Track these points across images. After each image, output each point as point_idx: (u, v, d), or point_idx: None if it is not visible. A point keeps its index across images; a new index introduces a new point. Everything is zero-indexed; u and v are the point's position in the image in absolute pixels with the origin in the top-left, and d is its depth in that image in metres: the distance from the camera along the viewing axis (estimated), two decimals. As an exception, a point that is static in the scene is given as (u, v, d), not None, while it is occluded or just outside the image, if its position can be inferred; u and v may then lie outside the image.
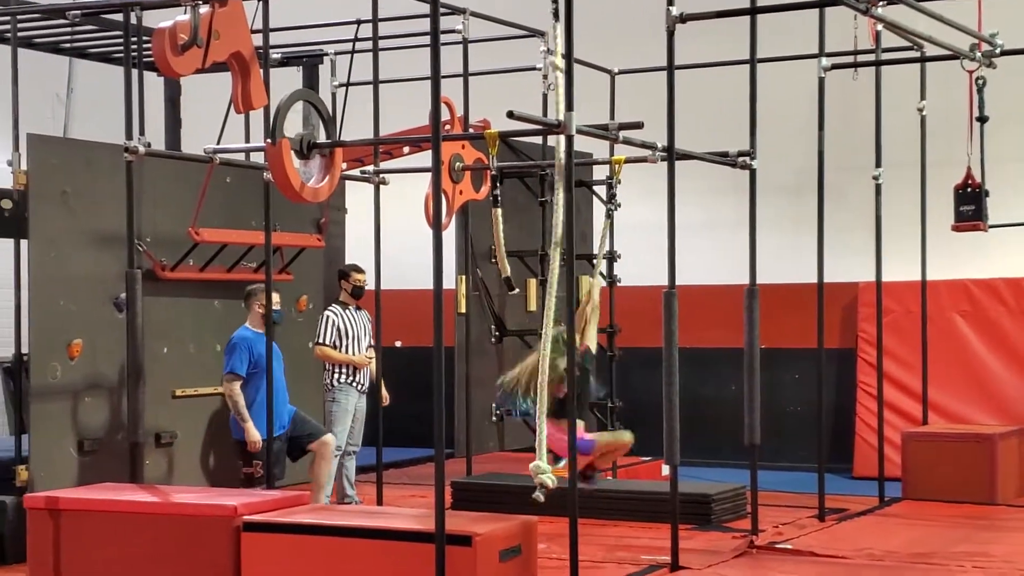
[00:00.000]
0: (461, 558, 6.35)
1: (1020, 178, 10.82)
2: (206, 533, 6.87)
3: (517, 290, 10.01)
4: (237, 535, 6.83)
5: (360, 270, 10.27)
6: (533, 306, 11.58)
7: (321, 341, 10.11)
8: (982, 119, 10.23)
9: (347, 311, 10.22)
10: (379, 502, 9.40)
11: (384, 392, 10.15)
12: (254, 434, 9.06)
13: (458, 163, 9.48)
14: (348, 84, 10.46)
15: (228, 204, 10.36)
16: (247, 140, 10.29)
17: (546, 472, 6.97)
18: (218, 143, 9.05)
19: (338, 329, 10.10)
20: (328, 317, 10.17)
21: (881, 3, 8.65)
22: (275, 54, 11.06)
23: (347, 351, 10.11)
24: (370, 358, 10.16)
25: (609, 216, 8.51)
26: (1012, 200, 11.22)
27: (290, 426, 9.48)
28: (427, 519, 6.67)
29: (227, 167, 9.67)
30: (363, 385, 10.21)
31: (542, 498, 6.92)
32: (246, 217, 10.39)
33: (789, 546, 8.71)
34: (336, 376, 10.13)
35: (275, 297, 9.09)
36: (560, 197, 7.09)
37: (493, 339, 11.24)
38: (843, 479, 12.14)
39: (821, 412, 10.26)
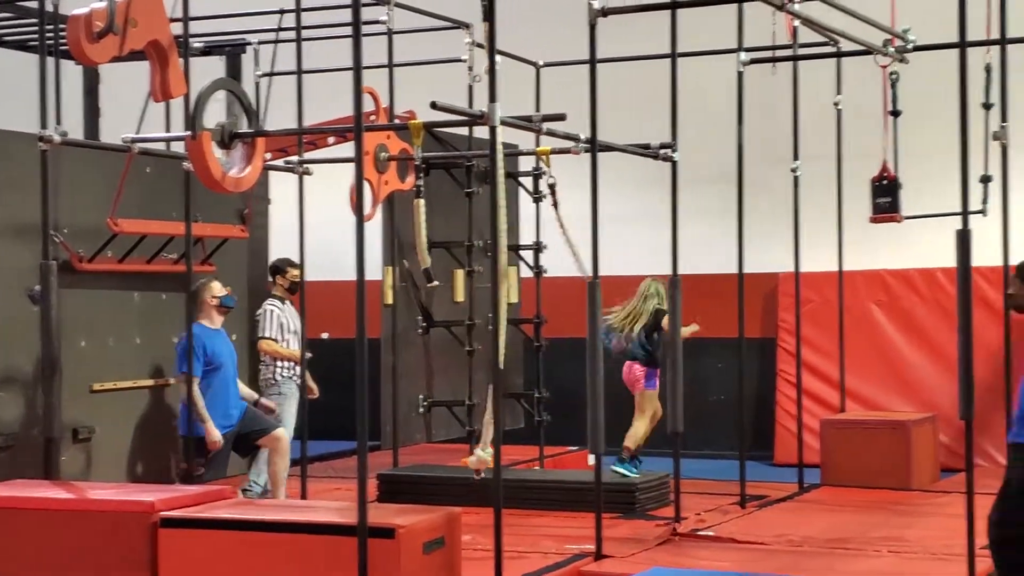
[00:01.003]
0: (384, 551, 6.18)
1: (934, 171, 10.84)
2: (123, 529, 6.60)
3: (437, 283, 9.87)
4: (154, 531, 6.59)
5: (296, 265, 10.02)
6: (460, 297, 11.44)
7: (265, 335, 9.97)
8: (895, 113, 10.25)
9: (285, 305, 10.10)
10: (303, 496, 9.21)
11: (312, 384, 10.00)
12: (214, 434, 8.81)
13: (383, 153, 9.31)
14: (271, 74, 10.27)
15: (148, 194, 10.08)
16: (168, 129, 10.02)
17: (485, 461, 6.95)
18: (137, 132, 8.79)
19: (280, 324, 10.00)
20: (271, 312, 10.04)
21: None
22: (197, 43, 10.82)
23: (287, 346, 9.98)
24: (308, 355, 9.99)
25: (555, 205, 8.39)
26: (926, 192, 11.25)
27: (240, 423, 9.21)
28: (350, 512, 6.49)
29: (147, 157, 9.36)
30: (299, 379, 10.06)
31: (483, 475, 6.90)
32: (167, 208, 10.11)
33: (711, 533, 8.69)
34: (278, 371, 10.02)
35: (218, 285, 8.86)
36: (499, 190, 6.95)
37: (420, 330, 11.08)
38: (764, 466, 12.16)
39: (742, 401, 10.24)
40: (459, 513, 6.77)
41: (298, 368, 9.94)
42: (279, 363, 10.01)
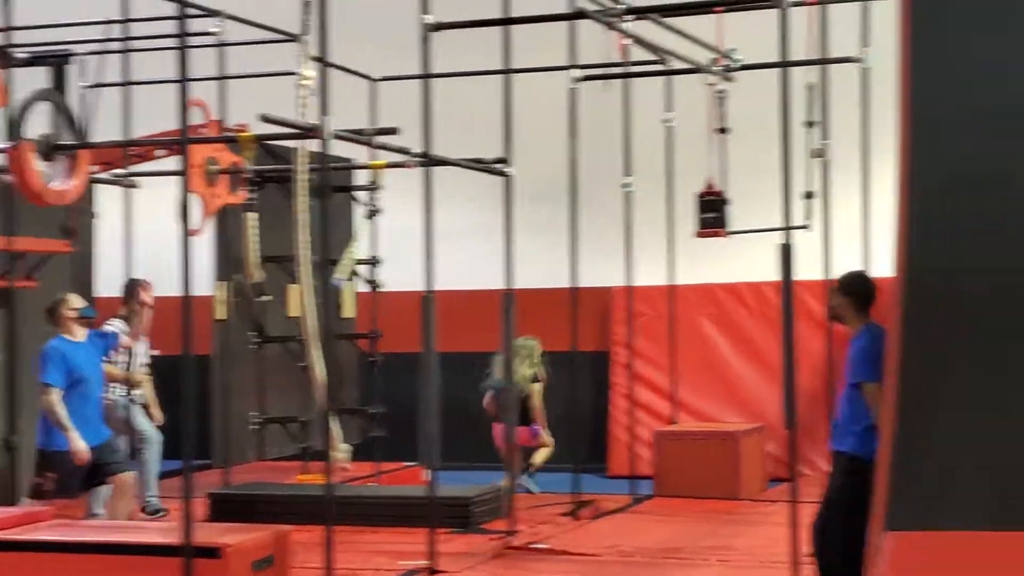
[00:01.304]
0: (211, 571, 6.12)
1: (760, 187, 11.01)
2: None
3: (267, 297, 9.81)
4: (-27, 555, 6.42)
5: (149, 283, 9.70)
6: (295, 312, 11.33)
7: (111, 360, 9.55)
8: (722, 130, 10.44)
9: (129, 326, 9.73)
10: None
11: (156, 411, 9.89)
12: (79, 443, 8.19)
13: (213, 166, 9.18)
14: (98, 85, 10.04)
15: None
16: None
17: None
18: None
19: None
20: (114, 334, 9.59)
21: (628, 18, 8.72)
22: (22, 53, 10.53)
23: (128, 368, 9.72)
24: (149, 376, 9.75)
25: (369, 218, 8.41)
26: (754, 208, 11.41)
27: (99, 449, 8.58)
28: (176, 532, 6.38)
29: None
30: (140, 402, 9.86)
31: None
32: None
33: (545, 545, 8.74)
34: (108, 392, 9.57)
35: (74, 298, 8.59)
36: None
37: (253, 346, 10.95)
38: (599, 478, 12.25)
39: (576, 414, 10.33)
40: (289, 531, 6.74)
41: (133, 391, 9.70)
42: (111, 386, 9.66)
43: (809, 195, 10.04)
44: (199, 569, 6.02)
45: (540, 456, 11.07)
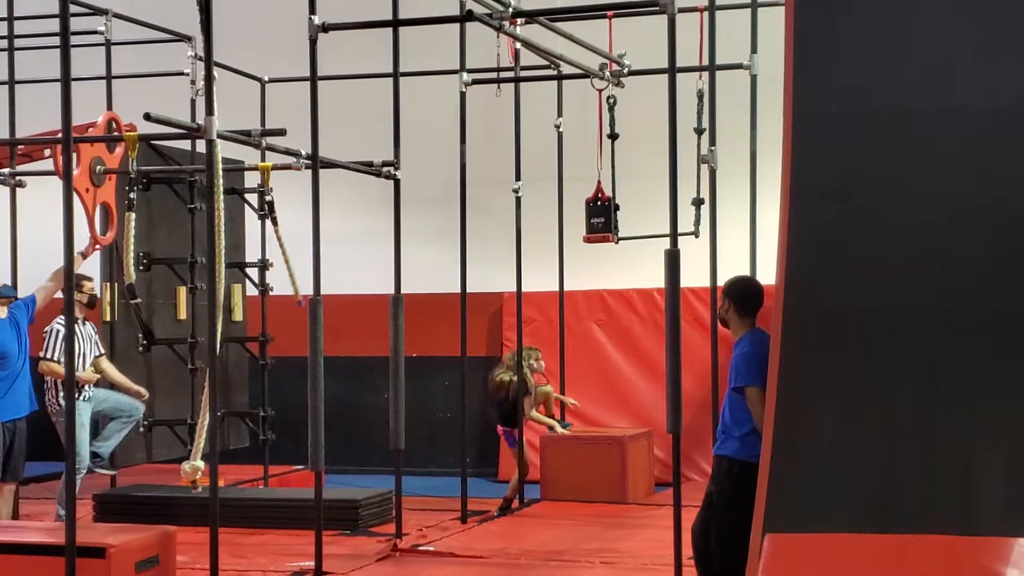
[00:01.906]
0: (94, 571, 6.11)
1: (649, 193, 11.12)
2: None
3: (140, 300, 9.74)
4: None
5: (89, 278, 9.43)
6: (183, 314, 11.26)
7: (49, 356, 9.27)
8: (612, 136, 10.49)
9: (79, 325, 9.27)
10: (15, 517, 8.90)
11: (141, 388, 9.80)
12: None
13: (99, 167, 9.09)
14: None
15: None
16: None
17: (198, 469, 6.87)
18: None
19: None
20: (57, 331, 9.24)
21: (517, 22, 8.78)
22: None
23: (82, 366, 9.29)
24: (98, 373, 9.49)
25: (275, 223, 8.38)
26: (643, 214, 11.49)
27: (13, 436, 8.54)
28: (60, 532, 6.35)
29: None
30: (89, 396, 9.53)
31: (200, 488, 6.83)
32: None
33: (431, 548, 8.78)
34: (61, 395, 9.22)
35: None
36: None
37: (141, 347, 10.85)
38: (489, 483, 12.30)
39: (465, 418, 10.36)
40: (174, 531, 6.73)
41: (87, 389, 9.43)
42: (62, 386, 9.17)
43: (698, 202, 10.19)
44: (83, 569, 6.01)
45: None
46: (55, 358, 9.19)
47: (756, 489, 5.55)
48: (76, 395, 9.11)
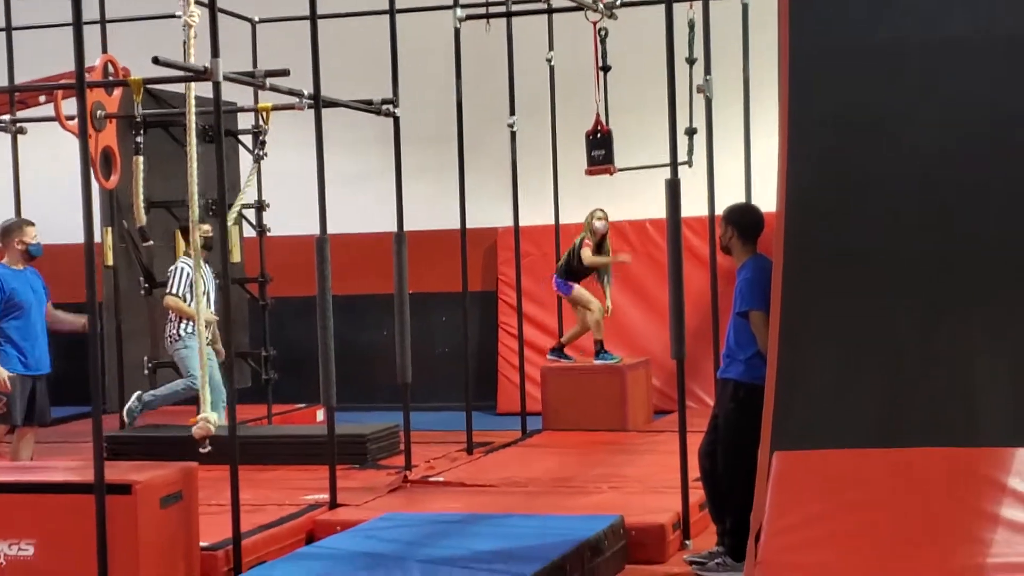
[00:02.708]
0: (121, 506, 6.27)
1: (640, 125, 11.26)
2: None
3: (152, 242, 9.88)
4: None
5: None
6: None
7: (173, 291, 9.90)
8: (605, 68, 10.59)
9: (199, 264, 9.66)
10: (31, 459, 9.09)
11: (220, 347, 9.65)
12: (1, 372, 8.31)
13: (100, 111, 9.20)
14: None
15: None
16: None
17: (212, 422, 7.00)
18: None
19: (191, 283, 9.49)
20: (182, 269, 9.89)
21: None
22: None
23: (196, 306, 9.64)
24: (216, 317, 9.57)
25: (256, 160, 8.52)
26: (635, 146, 11.64)
27: (35, 385, 8.58)
28: (84, 471, 6.55)
29: None
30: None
31: (209, 447, 6.96)
32: None
33: (441, 479, 8.96)
34: (182, 326, 9.95)
35: (33, 230, 8.55)
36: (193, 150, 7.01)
37: (143, 291, 11.01)
38: (489, 416, 12.53)
39: (467, 353, 10.57)
40: (195, 468, 6.89)
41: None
42: (184, 320, 9.88)
43: (691, 131, 10.32)
44: (110, 505, 6.13)
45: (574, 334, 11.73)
46: (178, 293, 9.84)
47: (762, 410, 5.66)
48: (193, 329, 9.65)
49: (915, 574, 4.94)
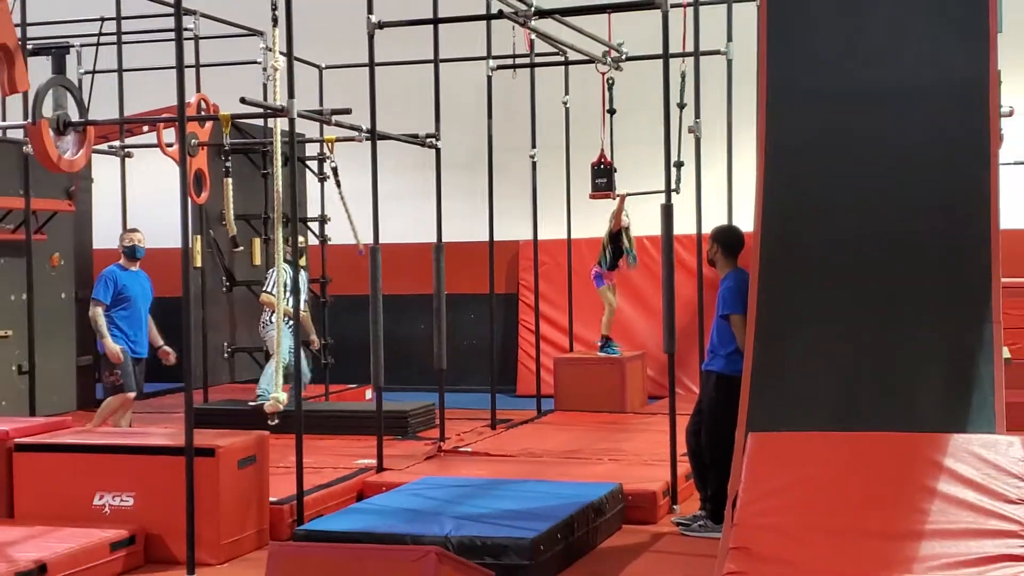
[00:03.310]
0: (206, 467, 6.32)
1: (641, 157, 11.28)
2: (-19, 455, 6.57)
3: (241, 247, 9.93)
4: (9, 456, 6.56)
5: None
6: (258, 260, 11.50)
7: (265, 290, 9.88)
8: (611, 111, 10.63)
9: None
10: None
11: (315, 337, 10.02)
12: (113, 346, 8.35)
13: (194, 140, 9.25)
14: (94, 72, 10.06)
15: (-14, 174, 9.86)
16: (3, 118, 9.78)
17: (281, 400, 7.05)
18: (-21, 121, 8.61)
19: (284, 283, 9.38)
20: (273, 271, 9.83)
21: (535, 17, 8.92)
22: (27, 44, 10.52)
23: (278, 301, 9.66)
24: (305, 312, 9.78)
25: (338, 185, 8.57)
26: (636, 175, 11.66)
27: (135, 363, 8.61)
28: (176, 436, 6.60)
29: (-15, 142, 9.20)
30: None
31: (276, 420, 7.02)
32: (3, 185, 9.92)
33: (469, 449, 8.97)
34: (271, 316, 9.88)
35: (139, 235, 8.58)
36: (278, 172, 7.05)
37: (224, 288, 11.08)
38: (509, 397, 12.52)
39: (492, 345, 10.59)
40: (267, 435, 6.94)
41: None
42: (273, 312, 9.76)
43: (679, 164, 10.21)
44: (197, 465, 6.19)
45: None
46: (270, 291, 9.73)
47: (739, 398, 5.66)
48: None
49: (864, 536, 4.92)
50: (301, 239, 9.79)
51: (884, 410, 5.44)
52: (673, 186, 9.67)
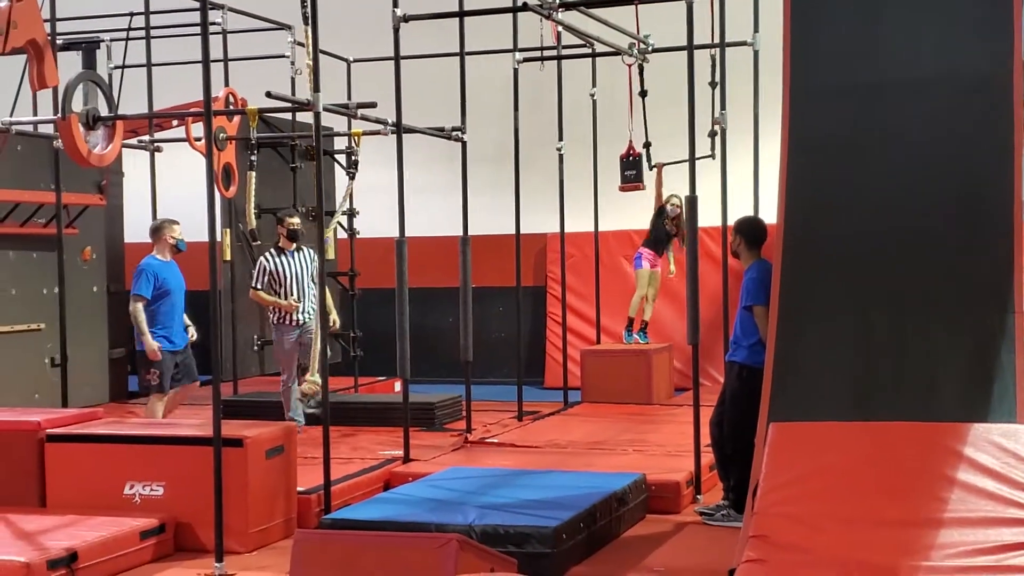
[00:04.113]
0: (235, 457, 6.44)
1: (668, 150, 11.31)
2: (15, 445, 6.72)
3: (259, 242, 10.05)
4: (41, 446, 6.71)
5: (293, 215, 9.47)
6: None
7: (254, 286, 9.45)
8: (643, 93, 10.20)
9: (283, 256, 9.37)
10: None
11: (335, 316, 9.43)
12: (152, 344, 8.36)
13: (222, 134, 9.40)
14: (124, 66, 10.21)
15: (19, 168, 10.02)
16: (35, 113, 9.95)
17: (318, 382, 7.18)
18: (11, 116, 8.75)
19: (270, 273, 9.32)
20: (261, 263, 9.42)
21: (561, 9, 8.98)
22: (57, 40, 10.69)
23: (285, 294, 9.29)
24: (296, 302, 9.26)
25: (351, 177, 8.66)
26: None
27: (180, 353, 8.64)
28: (205, 427, 6.72)
29: (18, 136, 9.35)
30: (298, 321, 9.33)
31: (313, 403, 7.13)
32: (35, 179, 10.09)
33: (496, 440, 9.05)
34: (272, 318, 9.50)
35: (178, 228, 8.62)
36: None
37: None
38: (536, 389, 12.58)
39: (519, 337, 10.66)
40: (294, 426, 7.06)
41: (293, 313, 9.30)
42: (272, 311, 9.45)
43: (714, 133, 9.91)
44: (226, 455, 6.30)
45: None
46: (259, 287, 9.36)
47: (761, 389, 5.71)
48: (283, 319, 9.26)
49: (883, 524, 4.99)
50: (295, 220, 9.45)
51: (905, 400, 5.48)
52: (709, 152, 9.65)
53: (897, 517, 5.01)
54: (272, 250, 9.52)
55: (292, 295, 9.39)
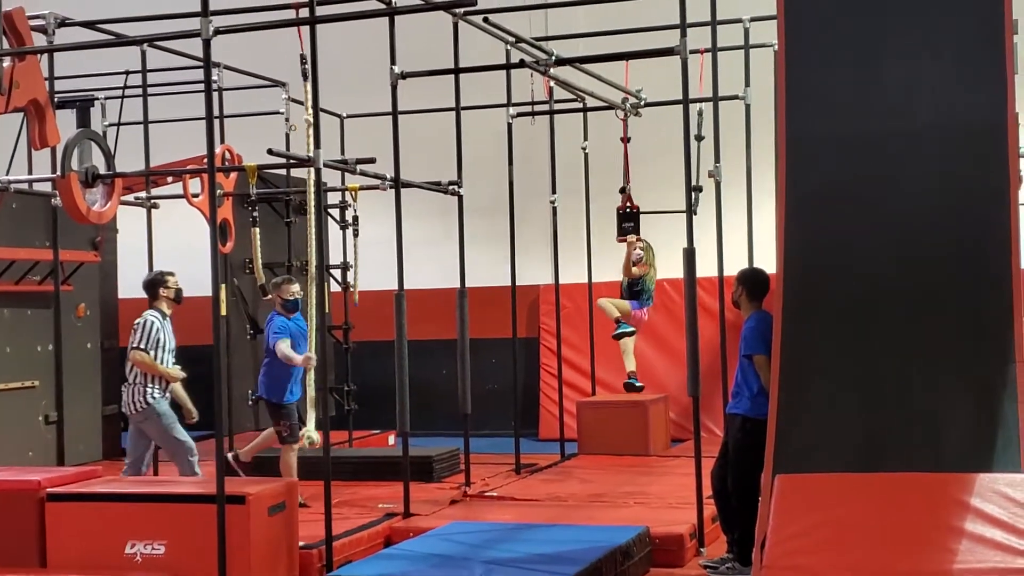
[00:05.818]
0: (237, 514, 6.40)
1: (661, 200, 11.39)
2: (15, 505, 6.66)
3: (270, 296, 10.03)
4: (42, 505, 6.66)
5: (172, 273, 8.21)
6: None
7: (139, 346, 7.85)
8: (626, 140, 10.51)
9: (165, 321, 8.07)
10: (155, 473, 9.24)
11: (191, 407, 8.25)
12: (298, 359, 8.30)
13: (219, 190, 9.42)
14: (119, 124, 10.26)
15: (14, 226, 10.02)
16: (30, 171, 9.97)
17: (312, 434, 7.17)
18: (7, 174, 8.77)
19: (158, 339, 7.93)
20: (151, 323, 7.94)
21: (554, 66, 9.07)
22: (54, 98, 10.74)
23: (162, 362, 7.95)
24: (182, 375, 8.12)
25: (356, 235, 8.66)
26: (655, 217, 11.70)
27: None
28: (206, 484, 6.68)
29: (13, 194, 9.37)
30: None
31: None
32: (30, 237, 10.09)
33: (495, 494, 9.01)
34: (148, 392, 7.89)
35: (296, 287, 8.57)
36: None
37: (249, 336, 11.20)
38: (532, 441, 12.54)
39: (516, 389, 10.65)
40: (296, 483, 7.03)
41: (168, 387, 8.06)
42: (150, 382, 7.89)
43: (698, 189, 9.93)
44: (229, 512, 6.28)
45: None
46: (144, 347, 7.84)
47: (765, 440, 5.71)
48: (159, 394, 7.88)
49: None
50: (173, 279, 8.35)
51: (910, 451, 5.51)
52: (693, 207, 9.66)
53: (907, 568, 5.01)
54: (156, 312, 8.10)
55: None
